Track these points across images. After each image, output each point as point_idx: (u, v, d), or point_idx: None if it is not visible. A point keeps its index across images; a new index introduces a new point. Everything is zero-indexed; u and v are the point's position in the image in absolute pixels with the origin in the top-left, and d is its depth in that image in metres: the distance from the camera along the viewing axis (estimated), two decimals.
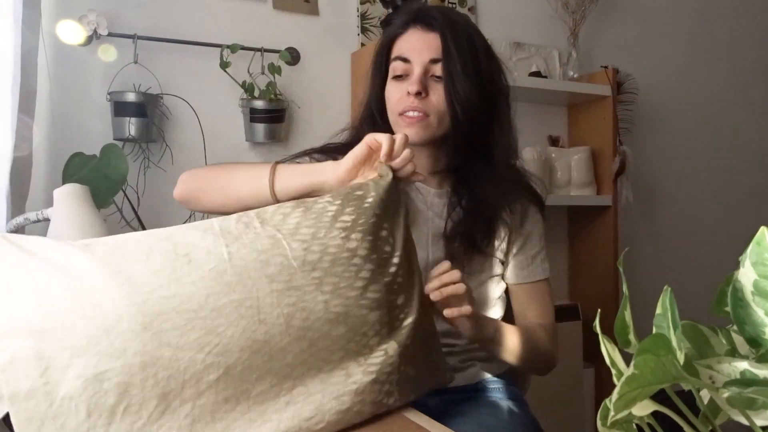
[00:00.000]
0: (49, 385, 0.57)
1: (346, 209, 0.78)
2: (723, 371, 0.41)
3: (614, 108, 2.17)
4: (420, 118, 1.03)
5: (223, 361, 0.64)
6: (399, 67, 1.06)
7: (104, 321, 0.60)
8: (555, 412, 1.96)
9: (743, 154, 2.82)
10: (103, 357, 0.59)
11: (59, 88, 1.56)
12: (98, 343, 0.60)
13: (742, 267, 0.42)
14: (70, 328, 0.59)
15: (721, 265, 0.82)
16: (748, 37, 2.85)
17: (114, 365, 0.60)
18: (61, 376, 0.58)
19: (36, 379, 0.57)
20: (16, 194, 1.28)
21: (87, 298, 0.61)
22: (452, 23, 1.05)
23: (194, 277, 0.66)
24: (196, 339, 0.63)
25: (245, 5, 1.80)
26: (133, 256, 0.66)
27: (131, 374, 0.60)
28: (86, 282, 0.62)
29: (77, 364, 0.59)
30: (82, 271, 0.63)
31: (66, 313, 0.60)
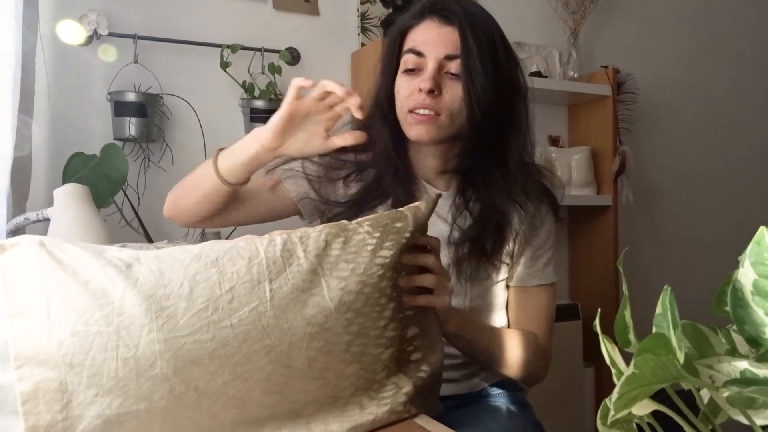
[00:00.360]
0: (68, 421, 0.55)
1: (385, 243, 0.75)
2: (723, 371, 0.41)
3: (614, 108, 2.17)
4: (430, 117, 0.98)
5: (240, 405, 0.63)
6: (411, 60, 1.00)
7: (137, 364, 0.58)
8: (555, 412, 1.97)
9: (743, 154, 2.82)
10: (128, 398, 0.57)
11: (59, 88, 1.56)
12: (126, 385, 0.57)
13: (741, 267, 0.43)
14: (100, 367, 0.57)
15: (721, 265, 0.82)
16: (748, 37, 2.85)
17: (137, 408, 0.58)
18: (82, 412, 0.56)
19: (56, 413, 0.55)
20: (16, 194, 1.28)
21: (124, 338, 0.58)
22: (472, 16, 0.98)
23: (234, 320, 0.63)
24: (223, 383, 0.62)
25: (245, 5, 1.80)
26: (177, 290, 0.62)
27: (153, 417, 0.59)
28: (126, 319, 0.59)
29: (100, 402, 0.57)
30: (123, 305, 0.59)
31: (99, 350, 0.57)
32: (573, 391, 2.08)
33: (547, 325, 1.07)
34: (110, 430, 0.57)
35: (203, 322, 0.61)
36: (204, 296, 0.63)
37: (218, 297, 0.63)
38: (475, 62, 0.96)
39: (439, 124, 0.99)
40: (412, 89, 0.99)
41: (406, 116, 1.00)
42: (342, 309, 0.69)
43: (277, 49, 1.76)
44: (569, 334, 2.06)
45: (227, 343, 0.62)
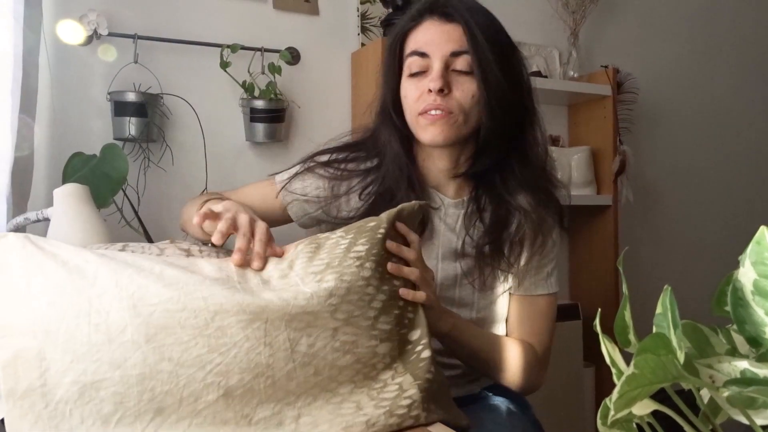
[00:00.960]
0: (46, 387, 0.58)
1: (359, 240, 0.77)
2: (723, 370, 0.41)
3: (614, 108, 2.17)
4: (443, 116, 0.94)
5: (223, 382, 0.63)
6: (415, 63, 0.96)
7: (108, 329, 0.60)
8: (555, 412, 1.96)
9: (743, 154, 2.82)
10: (102, 365, 0.59)
11: (60, 88, 1.56)
12: (99, 350, 0.60)
13: (742, 266, 0.43)
14: (74, 332, 0.60)
15: (721, 265, 0.82)
16: (748, 37, 2.85)
17: (112, 375, 0.59)
18: (59, 379, 0.58)
19: (34, 379, 0.58)
20: (17, 194, 1.28)
21: (95, 305, 0.61)
22: (474, 11, 0.96)
23: (206, 293, 0.65)
24: (198, 356, 0.63)
25: (245, 5, 1.80)
26: (149, 267, 0.66)
27: (128, 385, 0.60)
28: (98, 288, 0.63)
29: (76, 369, 0.59)
30: (96, 277, 0.63)
31: (73, 317, 0.60)
32: (573, 391, 2.08)
33: (547, 335, 1.05)
34: (87, 395, 0.58)
35: (173, 293, 0.64)
36: (174, 276, 0.66)
37: (189, 276, 0.66)
38: (486, 55, 0.93)
39: (453, 123, 0.95)
40: (420, 91, 0.96)
41: (418, 119, 0.97)
42: (323, 294, 0.70)
43: (277, 49, 1.76)
44: (569, 334, 2.06)
45: (198, 314, 0.63)
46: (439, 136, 0.96)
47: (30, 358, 0.58)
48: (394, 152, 1.02)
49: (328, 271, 0.72)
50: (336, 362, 0.69)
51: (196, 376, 0.62)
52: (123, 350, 0.60)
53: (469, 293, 1.03)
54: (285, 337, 0.67)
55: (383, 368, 0.73)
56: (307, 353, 0.68)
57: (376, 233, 0.78)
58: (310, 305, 0.69)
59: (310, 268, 0.72)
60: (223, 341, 0.64)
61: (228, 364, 0.64)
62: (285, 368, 0.66)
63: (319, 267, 0.72)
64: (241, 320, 0.65)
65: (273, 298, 0.68)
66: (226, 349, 0.64)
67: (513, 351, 0.99)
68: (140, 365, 0.60)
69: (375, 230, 0.79)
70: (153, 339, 0.61)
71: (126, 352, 0.60)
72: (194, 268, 0.70)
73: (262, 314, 0.66)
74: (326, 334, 0.69)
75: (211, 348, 0.63)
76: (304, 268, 0.72)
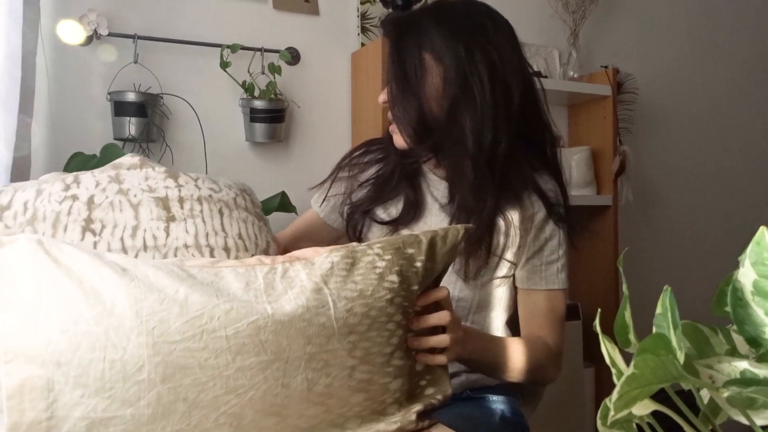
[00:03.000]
0: (52, 421, 0.55)
1: (393, 268, 0.74)
2: (723, 371, 0.41)
3: (614, 108, 2.17)
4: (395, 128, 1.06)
5: (235, 423, 0.62)
6: None
7: (124, 367, 0.58)
8: (555, 412, 1.96)
9: (743, 154, 2.82)
10: (114, 402, 0.57)
11: (60, 88, 1.56)
12: (113, 388, 0.57)
13: (741, 267, 0.42)
14: (87, 367, 0.56)
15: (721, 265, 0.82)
16: (748, 37, 2.85)
17: (123, 413, 0.57)
18: (67, 413, 0.55)
19: (41, 411, 0.55)
20: None
21: (113, 339, 0.58)
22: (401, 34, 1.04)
23: (230, 331, 0.62)
24: (215, 397, 0.60)
25: (245, 5, 1.80)
26: (172, 295, 0.62)
27: (139, 425, 0.58)
28: (116, 318, 0.59)
29: (86, 404, 0.56)
30: (114, 305, 0.59)
31: (87, 350, 0.57)
32: (573, 391, 2.08)
33: (559, 327, 1.07)
34: None
35: (196, 330, 0.60)
36: (199, 304, 0.61)
37: (214, 306, 0.62)
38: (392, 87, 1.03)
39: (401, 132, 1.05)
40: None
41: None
42: (345, 331, 0.68)
43: (277, 49, 1.76)
44: (569, 334, 2.05)
45: (220, 354, 0.61)
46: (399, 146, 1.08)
47: (38, 387, 0.55)
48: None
49: (359, 301, 0.70)
50: (349, 400, 0.69)
51: (209, 417, 0.60)
52: (138, 389, 0.58)
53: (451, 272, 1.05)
54: (303, 377, 0.65)
55: (392, 402, 0.73)
56: (323, 393, 0.66)
57: (412, 266, 0.75)
58: (330, 344, 0.67)
59: (343, 292, 0.69)
60: (242, 383, 0.62)
61: (243, 405, 0.62)
62: (298, 408, 0.65)
63: (352, 293, 0.70)
64: (262, 361, 0.63)
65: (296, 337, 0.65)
66: (243, 391, 0.62)
67: (528, 351, 1.00)
68: (154, 405, 0.58)
69: (412, 261, 0.76)
70: (170, 379, 0.59)
71: (141, 391, 0.58)
72: (221, 284, 0.66)
73: (284, 353, 0.64)
74: (344, 374, 0.68)
75: (228, 390, 0.61)
76: (338, 289, 0.69)
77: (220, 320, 0.62)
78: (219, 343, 0.61)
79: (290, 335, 0.65)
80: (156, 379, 0.58)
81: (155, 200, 0.80)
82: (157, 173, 0.83)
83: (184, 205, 0.82)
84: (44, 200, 0.78)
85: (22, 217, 0.77)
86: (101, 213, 0.77)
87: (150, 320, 0.59)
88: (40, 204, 0.78)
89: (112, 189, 0.79)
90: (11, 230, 0.77)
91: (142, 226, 0.78)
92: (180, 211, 0.81)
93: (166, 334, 0.59)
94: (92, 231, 0.76)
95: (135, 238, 0.77)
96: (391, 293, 0.72)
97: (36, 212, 0.77)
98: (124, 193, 0.79)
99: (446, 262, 0.81)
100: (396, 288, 0.73)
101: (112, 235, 0.77)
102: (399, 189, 1.11)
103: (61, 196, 0.78)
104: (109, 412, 0.56)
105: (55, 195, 0.78)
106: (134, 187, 0.80)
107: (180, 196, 0.82)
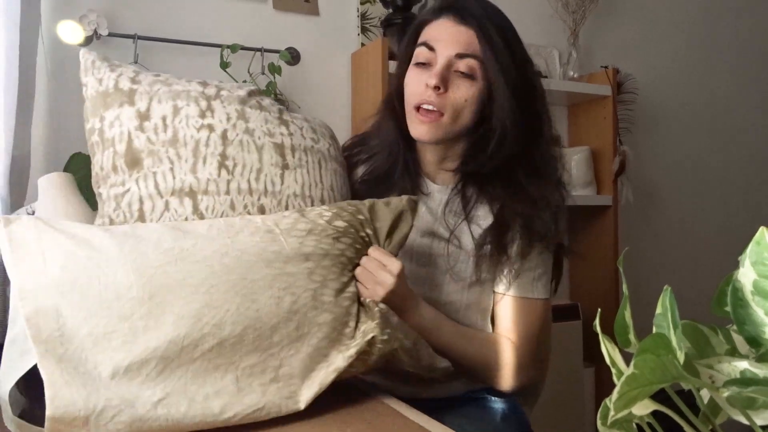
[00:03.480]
0: (64, 337, 0.65)
1: (341, 215, 0.86)
2: (723, 371, 0.41)
3: (614, 108, 2.17)
4: (434, 118, 0.98)
5: (218, 333, 0.71)
6: (422, 53, 1.00)
7: (116, 288, 0.69)
8: (555, 412, 1.96)
9: (743, 154, 2.82)
10: (111, 319, 0.67)
11: (60, 88, 1.56)
12: (110, 306, 0.68)
13: (741, 267, 0.42)
14: (86, 291, 0.68)
15: (721, 265, 0.82)
16: (748, 37, 2.85)
17: (121, 327, 0.67)
18: (75, 332, 0.66)
19: (54, 330, 0.65)
20: (14, 193, 1.28)
21: (104, 268, 0.70)
22: (490, 17, 0.99)
23: (198, 257, 0.74)
24: (197, 310, 0.71)
25: (245, 5, 1.80)
26: (147, 236, 0.75)
27: (136, 335, 0.67)
28: (104, 255, 0.71)
29: (89, 323, 0.66)
30: (102, 246, 0.72)
31: (84, 278, 0.68)
32: (573, 391, 2.08)
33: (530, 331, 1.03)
34: (100, 345, 0.66)
35: (170, 258, 0.73)
36: (170, 241, 0.75)
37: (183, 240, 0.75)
38: (492, 64, 0.97)
39: (441, 125, 0.99)
40: (419, 83, 0.99)
41: (412, 112, 1.01)
42: (300, 258, 0.79)
43: (277, 49, 1.76)
44: (569, 334, 2.06)
45: (193, 274, 0.72)
46: (425, 136, 1.01)
47: (48, 313, 0.66)
48: (390, 139, 1.09)
49: (309, 237, 0.81)
50: (316, 319, 0.78)
51: (195, 326, 0.70)
52: (130, 305, 0.68)
53: (440, 274, 1.04)
54: (270, 294, 0.75)
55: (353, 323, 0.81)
56: (291, 309, 0.76)
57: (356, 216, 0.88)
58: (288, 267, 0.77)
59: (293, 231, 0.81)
60: (216, 297, 0.72)
61: (221, 317, 0.72)
62: (270, 322, 0.74)
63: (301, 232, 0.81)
64: (230, 280, 0.73)
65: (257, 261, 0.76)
66: (219, 305, 0.72)
67: (488, 345, 1.01)
68: (145, 317, 0.68)
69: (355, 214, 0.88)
70: (156, 296, 0.70)
71: (133, 307, 0.68)
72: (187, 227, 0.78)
73: (248, 275, 0.75)
74: (307, 294, 0.78)
75: (206, 303, 0.71)
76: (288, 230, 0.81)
77: (188, 251, 0.74)
78: (191, 266, 0.73)
79: (250, 260, 0.76)
80: (144, 296, 0.69)
81: (274, 146, 0.90)
82: (273, 117, 0.93)
83: (295, 154, 0.92)
84: (182, 122, 0.86)
85: (163, 135, 0.85)
86: (233, 150, 0.87)
87: (131, 254, 0.72)
88: (180, 125, 0.86)
89: (241, 126, 0.88)
90: (154, 147, 0.84)
91: (264, 170, 0.88)
92: (292, 159, 0.91)
93: (146, 263, 0.71)
94: (227, 168, 0.86)
95: (258, 182, 0.87)
96: (338, 232, 0.84)
97: (176, 134, 0.85)
98: (251, 134, 0.89)
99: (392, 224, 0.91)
100: (342, 231, 0.84)
101: (242, 175, 0.87)
102: (394, 185, 1.07)
103: (199, 122, 0.86)
104: (109, 327, 0.67)
105: (193, 120, 0.86)
106: (258, 129, 0.90)
107: (292, 144, 0.92)
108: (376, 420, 0.77)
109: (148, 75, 0.90)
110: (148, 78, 0.89)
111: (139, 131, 0.84)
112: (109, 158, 0.85)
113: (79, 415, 0.62)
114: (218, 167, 0.85)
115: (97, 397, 0.63)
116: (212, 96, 0.89)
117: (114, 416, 0.64)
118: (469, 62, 0.97)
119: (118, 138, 0.85)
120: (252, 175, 0.87)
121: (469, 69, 0.98)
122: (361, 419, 0.77)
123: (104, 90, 0.86)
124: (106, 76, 0.87)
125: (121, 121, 0.85)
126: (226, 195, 0.85)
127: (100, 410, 0.63)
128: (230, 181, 0.85)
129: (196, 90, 0.89)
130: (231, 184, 0.85)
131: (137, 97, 0.86)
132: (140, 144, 0.84)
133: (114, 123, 0.85)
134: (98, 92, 0.87)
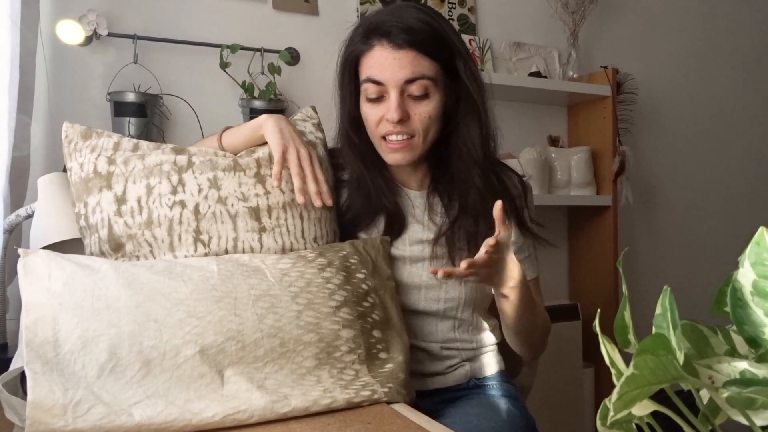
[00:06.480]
0: (57, 342, 0.73)
1: (324, 254, 0.92)
2: (722, 371, 0.41)
3: (614, 108, 2.17)
4: (405, 144, 1.01)
5: (200, 341, 0.76)
6: (371, 89, 1.00)
7: (107, 299, 0.77)
8: (555, 412, 1.97)
9: (743, 154, 2.82)
10: (101, 324, 0.75)
11: (59, 88, 1.56)
12: (99, 314, 0.75)
13: (741, 267, 0.42)
14: (81, 302, 0.76)
15: (721, 265, 0.82)
16: (748, 37, 2.85)
17: (108, 331, 0.74)
18: (67, 336, 0.73)
19: (49, 335, 0.73)
20: (14, 194, 1.28)
21: (99, 284, 0.78)
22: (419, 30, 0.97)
23: (185, 278, 0.81)
24: (179, 319, 0.77)
25: (245, 5, 1.80)
26: (141, 263, 0.85)
27: (121, 339, 0.74)
28: (101, 274, 0.80)
29: (81, 327, 0.74)
30: (101, 269, 0.81)
31: (81, 292, 0.77)
32: (573, 391, 2.08)
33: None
34: (88, 348, 0.73)
35: (159, 277, 0.81)
36: (161, 267, 0.83)
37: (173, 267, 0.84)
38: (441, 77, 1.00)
39: (414, 146, 1.02)
40: (379, 116, 1.01)
41: (381, 143, 1.03)
42: (284, 284, 0.84)
43: (276, 49, 1.76)
44: (569, 334, 2.06)
45: (179, 290, 0.79)
46: (402, 161, 1.03)
47: (46, 321, 0.74)
48: (357, 174, 1.08)
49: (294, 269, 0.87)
50: (301, 338, 0.81)
51: (177, 334, 0.76)
52: (119, 313, 0.76)
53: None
54: (253, 311, 0.80)
55: (348, 352, 0.84)
56: (274, 326, 0.80)
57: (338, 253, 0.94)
58: (272, 290, 0.83)
59: (278, 265, 0.88)
60: (200, 309, 0.78)
61: (204, 327, 0.77)
62: (253, 336, 0.79)
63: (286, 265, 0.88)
64: (214, 296, 0.80)
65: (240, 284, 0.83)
66: (202, 315, 0.78)
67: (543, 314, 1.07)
68: (131, 323, 0.75)
69: (337, 251, 0.95)
70: (142, 305, 0.77)
71: (120, 314, 0.76)
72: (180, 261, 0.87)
73: (232, 293, 0.81)
74: (290, 314, 0.82)
75: (189, 314, 0.78)
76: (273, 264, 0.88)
77: (176, 273, 0.82)
78: (179, 284, 0.80)
79: (235, 282, 0.82)
80: (131, 305, 0.77)
81: (249, 211, 0.93)
82: (248, 178, 0.95)
83: (272, 215, 0.95)
84: (156, 201, 0.90)
85: (139, 217, 0.90)
86: (206, 224, 0.91)
87: (125, 273, 0.80)
88: (154, 206, 0.90)
89: (213, 197, 0.92)
90: (131, 231, 0.90)
91: (240, 237, 0.92)
92: (269, 221, 0.94)
93: (138, 280, 0.80)
94: (202, 242, 0.91)
95: (236, 249, 0.92)
96: (321, 267, 0.89)
97: (151, 215, 0.90)
98: (223, 203, 0.92)
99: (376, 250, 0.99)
100: (325, 263, 0.90)
101: (218, 245, 0.91)
102: (379, 208, 1.08)
103: (171, 200, 0.90)
104: (98, 332, 0.74)
105: (165, 198, 0.91)
106: (231, 195, 0.93)
107: (268, 205, 0.95)
108: (376, 420, 0.77)
109: (125, 150, 0.94)
110: (124, 155, 0.93)
111: (117, 216, 0.90)
112: (95, 244, 0.92)
113: (57, 403, 0.68)
114: (194, 242, 0.90)
115: (76, 391, 0.70)
116: (184, 167, 0.92)
117: (90, 408, 0.69)
118: (419, 84, 0.98)
119: (100, 224, 0.91)
120: (229, 244, 0.91)
121: (422, 90, 0.99)
122: (361, 419, 0.77)
123: (85, 176, 0.92)
124: (86, 159, 0.94)
125: (102, 207, 0.91)
126: None
127: (77, 401, 0.69)
128: (207, 254, 0.90)
129: (168, 161, 0.92)
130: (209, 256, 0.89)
131: (114, 180, 0.91)
132: (119, 229, 0.90)
133: (96, 209, 0.91)
134: (81, 178, 0.93)
